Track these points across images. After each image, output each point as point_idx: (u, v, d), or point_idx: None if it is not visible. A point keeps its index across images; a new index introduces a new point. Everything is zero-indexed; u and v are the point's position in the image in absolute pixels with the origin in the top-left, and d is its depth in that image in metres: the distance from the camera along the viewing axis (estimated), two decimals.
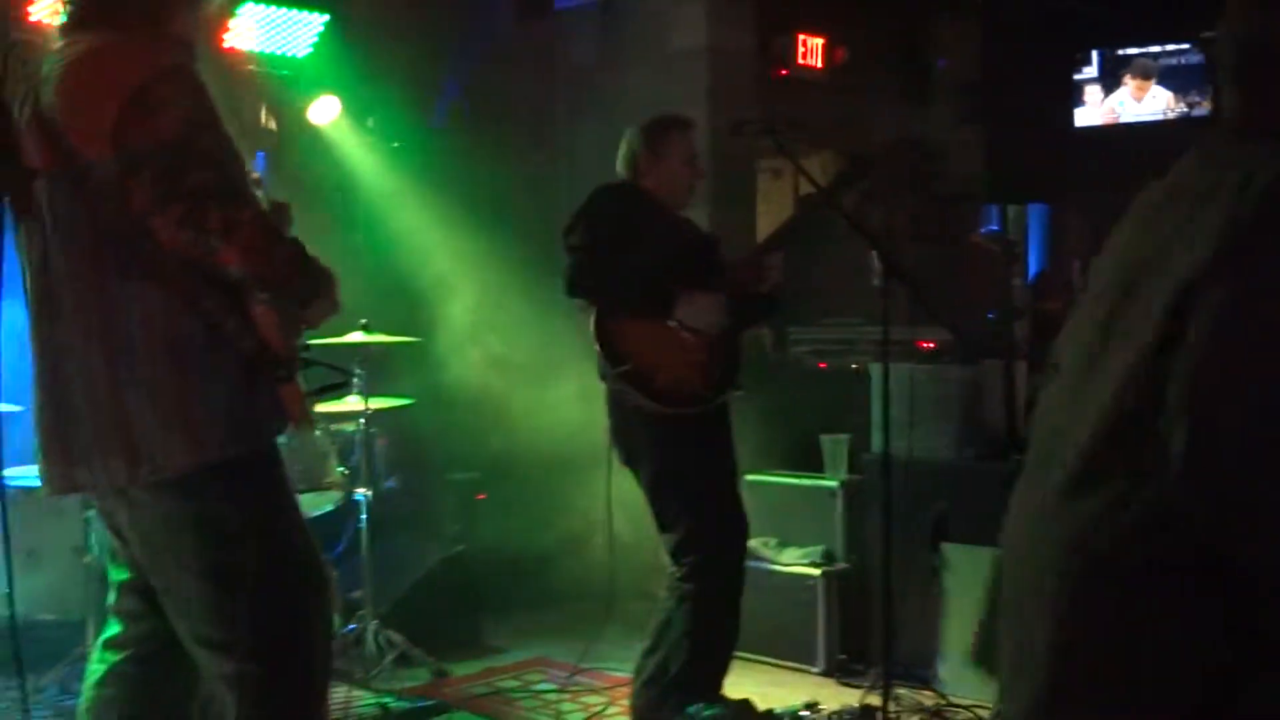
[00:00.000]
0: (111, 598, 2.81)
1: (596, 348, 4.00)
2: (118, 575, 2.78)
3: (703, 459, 4.05)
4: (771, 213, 7.37)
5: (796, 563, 5.01)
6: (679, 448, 4.01)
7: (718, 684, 4.10)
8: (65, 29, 2.60)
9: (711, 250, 4.29)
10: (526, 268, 6.83)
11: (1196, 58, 6.76)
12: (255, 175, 2.69)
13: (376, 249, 6.22)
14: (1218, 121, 1.98)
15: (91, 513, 4.09)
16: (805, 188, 6.65)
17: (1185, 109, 7.11)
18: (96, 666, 2.76)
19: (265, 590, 2.55)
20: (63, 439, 2.53)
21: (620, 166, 4.21)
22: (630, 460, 4.10)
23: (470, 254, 6.53)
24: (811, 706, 4.36)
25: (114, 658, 2.74)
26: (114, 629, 2.78)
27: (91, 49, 2.50)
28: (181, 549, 2.55)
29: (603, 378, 4.07)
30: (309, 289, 2.60)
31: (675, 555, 4.04)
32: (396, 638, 4.87)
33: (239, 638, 2.54)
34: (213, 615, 2.55)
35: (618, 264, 3.98)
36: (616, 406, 4.07)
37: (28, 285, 2.59)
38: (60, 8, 2.63)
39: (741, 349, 4.23)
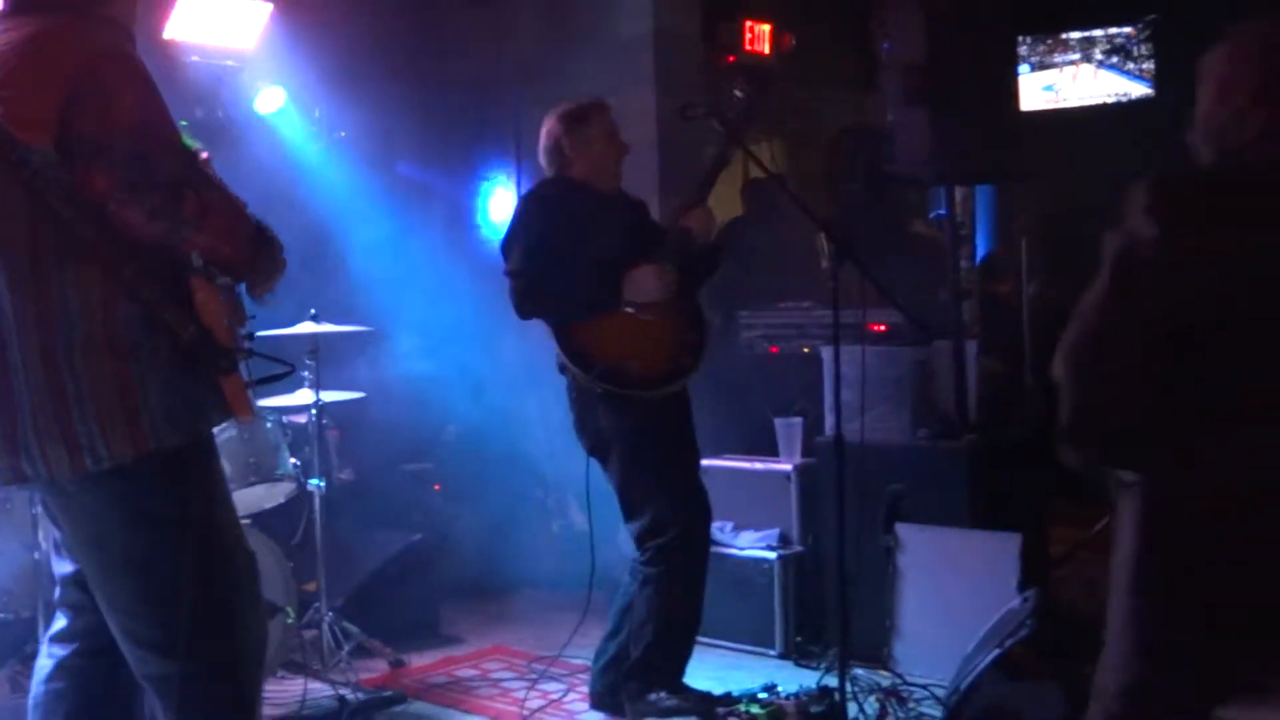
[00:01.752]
0: (57, 591, 2.78)
1: (565, 361, 4.00)
2: (61, 568, 2.75)
3: (668, 443, 4.06)
4: (720, 196, 7.38)
5: (752, 546, 5.03)
6: (640, 437, 4.01)
7: (679, 671, 4.11)
8: (2, 13, 2.56)
9: (644, 217, 4.29)
10: (475, 254, 6.82)
11: (1138, 40, 6.84)
12: (204, 155, 2.66)
13: (325, 240, 6.17)
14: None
15: (40, 508, 4.04)
16: (755, 172, 6.65)
17: (1126, 92, 7.18)
18: (44, 661, 2.73)
19: (196, 585, 2.51)
20: (6, 429, 2.50)
21: (544, 159, 4.20)
22: (595, 450, 4.10)
23: (420, 243, 6.51)
24: (769, 689, 4.38)
25: (61, 652, 2.71)
26: (60, 623, 2.75)
27: (28, 35, 2.46)
28: (113, 540, 2.52)
29: (562, 370, 4.06)
30: (268, 267, 2.58)
31: (640, 540, 4.05)
32: (353, 629, 4.85)
33: (171, 636, 2.51)
34: (145, 612, 2.52)
35: (564, 271, 3.98)
36: (579, 397, 4.07)
37: None
38: None
39: (702, 312, 4.24)
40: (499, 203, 6.91)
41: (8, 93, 2.40)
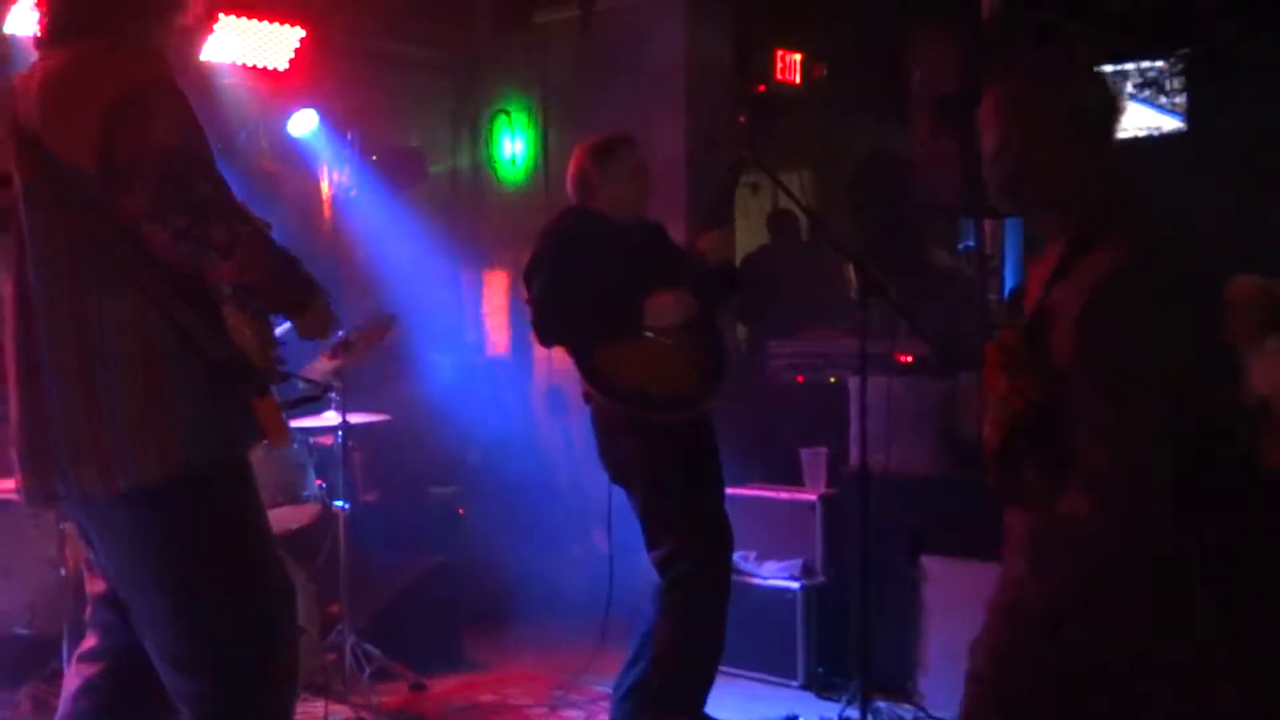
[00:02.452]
0: (89, 610, 2.79)
1: (589, 389, 4.01)
2: (95, 587, 2.76)
3: (692, 471, 4.06)
4: (749, 227, 7.39)
5: (775, 576, 5.01)
6: (664, 465, 4.01)
7: (701, 700, 4.09)
8: (41, 41, 2.60)
9: (663, 242, 4.29)
10: (506, 281, 6.85)
11: (1170, 74, 6.81)
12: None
13: (354, 262, 6.21)
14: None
15: (66, 525, 4.06)
16: (784, 202, 6.67)
17: (1158, 126, 7.15)
18: (72, 680, 2.74)
19: (230, 607, 2.53)
20: (40, 449, 2.52)
21: (570, 188, 4.22)
22: (619, 478, 4.10)
23: (451, 268, 6.54)
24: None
25: (89, 670, 2.72)
26: (90, 641, 2.76)
27: (70, 60, 2.50)
28: (148, 561, 2.53)
29: (587, 399, 4.07)
30: (300, 299, 2.59)
31: (662, 568, 4.03)
32: (375, 651, 4.85)
33: (203, 655, 2.53)
34: (177, 630, 2.53)
35: (577, 306, 3.99)
36: (603, 425, 4.07)
37: (10, 286, 2.58)
38: (36, 20, 2.63)
39: (722, 336, 4.24)
40: (527, 229, 6.94)
41: (51, 118, 2.44)
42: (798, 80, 6.85)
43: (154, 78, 2.47)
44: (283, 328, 2.74)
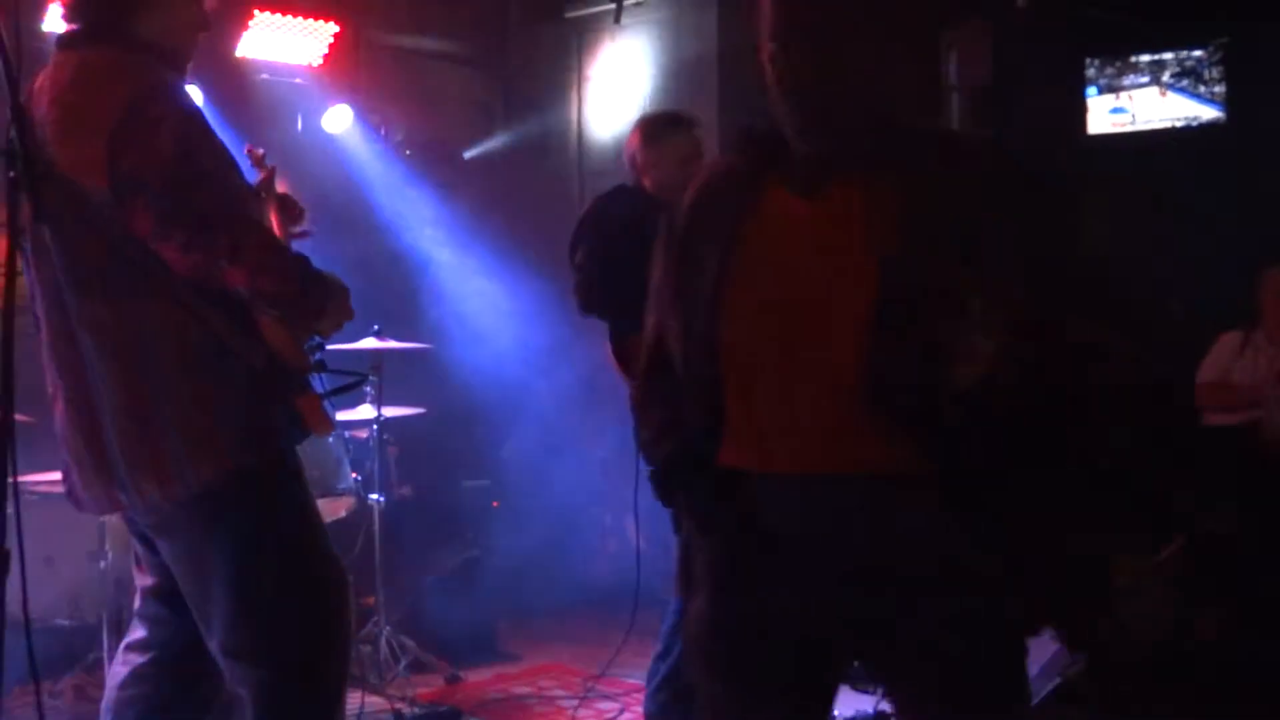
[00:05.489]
0: (136, 602, 2.83)
1: (616, 366, 4.00)
2: (143, 580, 2.81)
3: None
4: None
5: None
6: None
7: None
8: (57, 42, 2.61)
9: None
10: (539, 275, 6.85)
11: (1209, 63, 6.74)
12: (264, 175, 2.69)
13: (389, 257, 6.24)
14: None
15: (107, 519, 4.10)
16: None
17: (1196, 116, 7.09)
18: (119, 669, 2.78)
19: (286, 598, 2.57)
20: (96, 460, 2.54)
21: (626, 162, 4.22)
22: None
23: (483, 261, 6.55)
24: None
25: (137, 659, 2.76)
26: (138, 632, 2.80)
27: (74, 77, 2.51)
28: (205, 558, 2.57)
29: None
30: (317, 303, 2.60)
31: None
32: (409, 643, 4.88)
33: (260, 645, 2.56)
34: (240, 624, 2.56)
35: (623, 279, 3.98)
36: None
37: (42, 304, 2.60)
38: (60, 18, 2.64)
39: None
40: (563, 222, 6.94)
41: (61, 140, 2.45)
42: None
43: (150, 86, 2.47)
44: None
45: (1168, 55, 6.67)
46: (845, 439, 1.90)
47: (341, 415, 4.80)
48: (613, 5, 6.46)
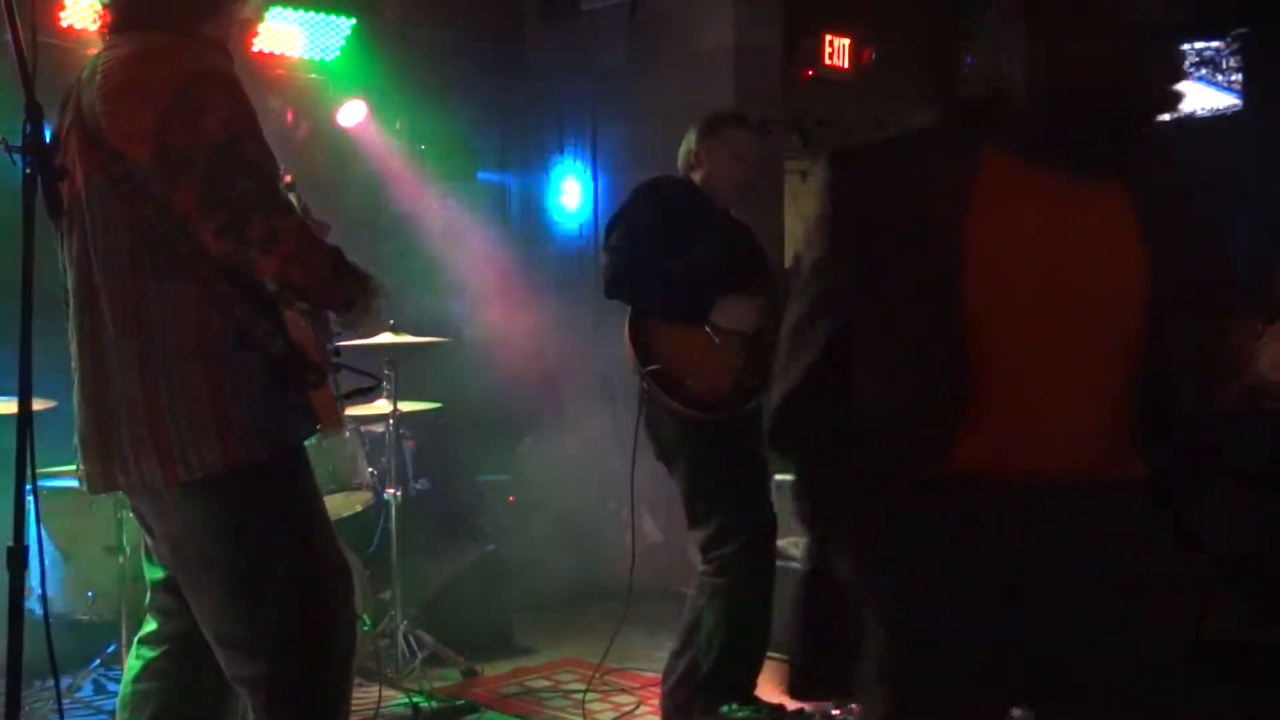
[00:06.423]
0: (148, 596, 2.84)
1: (628, 346, 4.00)
2: (153, 573, 2.81)
3: (732, 456, 4.04)
4: (798, 213, 7.35)
5: None
6: (708, 446, 4.00)
7: (750, 684, 4.08)
8: (105, 33, 2.63)
9: (759, 259, 4.27)
10: (555, 270, 6.85)
11: (1227, 53, 6.71)
12: (288, 178, 2.71)
13: (404, 251, 6.24)
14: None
15: (125, 513, 4.12)
16: None
17: (1214, 105, 7.06)
18: (133, 663, 2.79)
19: (288, 592, 2.56)
20: (103, 437, 2.56)
21: (679, 160, 4.22)
22: (663, 456, 4.10)
23: (498, 255, 6.56)
24: (842, 705, 4.34)
25: (150, 654, 2.77)
26: (150, 626, 2.81)
27: (131, 53, 2.53)
28: (207, 548, 2.57)
29: (636, 373, 4.07)
30: (347, 298, 2.62)
31: (705, 551, 4.03)
32: (427, 638, 4.88)
33: (261, 639, 2.56)
34: (236, 615, 2.57)
35: (658, 269, 3.97)
36: (649, 402, 4.06)
37: (67, 283, 2.62)
38: (96, 12, 2.66)
39: (770, 358, 4.20)
40: (577, 218, 6.94)
41: (111, 108, 2.47)
42: (846, 65, 6.80)
43: (209, 70, 2.50)
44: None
45: (1185, 45, 6.65)
46: (1116, 441, 1.86)
47: (358, 410, 4.81)
48: None
